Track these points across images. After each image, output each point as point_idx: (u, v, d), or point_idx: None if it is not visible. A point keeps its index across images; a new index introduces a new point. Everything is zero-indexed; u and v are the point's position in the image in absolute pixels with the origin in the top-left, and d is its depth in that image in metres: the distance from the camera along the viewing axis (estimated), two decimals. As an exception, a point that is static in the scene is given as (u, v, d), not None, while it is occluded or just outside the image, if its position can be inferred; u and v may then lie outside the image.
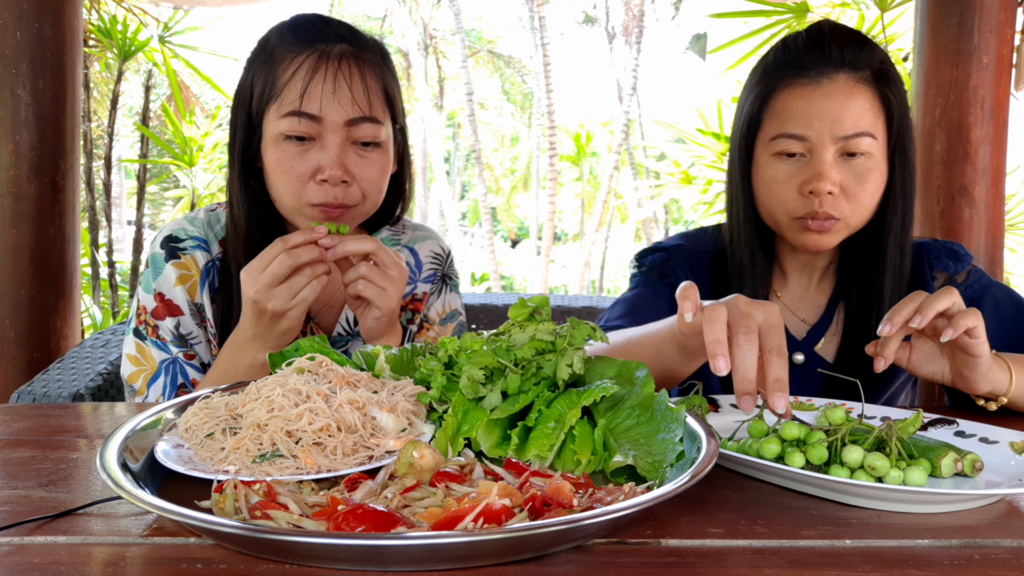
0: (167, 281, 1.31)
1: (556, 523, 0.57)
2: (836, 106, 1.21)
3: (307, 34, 1.27)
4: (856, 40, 1.26)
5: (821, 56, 1.24)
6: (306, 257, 1.14)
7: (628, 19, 16.37)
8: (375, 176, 1.28)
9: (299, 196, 1.24)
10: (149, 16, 4.28)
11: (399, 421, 0.82)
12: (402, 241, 1.50)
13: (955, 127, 2.43)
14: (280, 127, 1.23)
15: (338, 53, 1.24)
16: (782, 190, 1.25)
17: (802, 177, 1.23)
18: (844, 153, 1.22)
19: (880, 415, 1.00)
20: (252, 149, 1.29)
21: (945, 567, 0.62)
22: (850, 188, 1.22)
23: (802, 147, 1.23)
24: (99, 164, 4.67)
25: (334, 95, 1.22)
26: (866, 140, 1.22)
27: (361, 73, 1.25)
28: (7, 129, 2.34)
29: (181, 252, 1.34)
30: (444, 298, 1.50)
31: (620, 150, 14.24)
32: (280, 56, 1.25)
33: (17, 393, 1.63)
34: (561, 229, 23.48)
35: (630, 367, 0.88)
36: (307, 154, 1.23)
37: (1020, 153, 4.37)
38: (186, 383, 1.30)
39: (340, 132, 1.23)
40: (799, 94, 1.24)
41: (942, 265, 1.34)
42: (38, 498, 0.74)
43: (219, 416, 0.82)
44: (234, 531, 0.57)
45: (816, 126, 1.21)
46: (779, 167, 1.25)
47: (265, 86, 1.25)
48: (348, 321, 1.39)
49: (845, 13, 3.71)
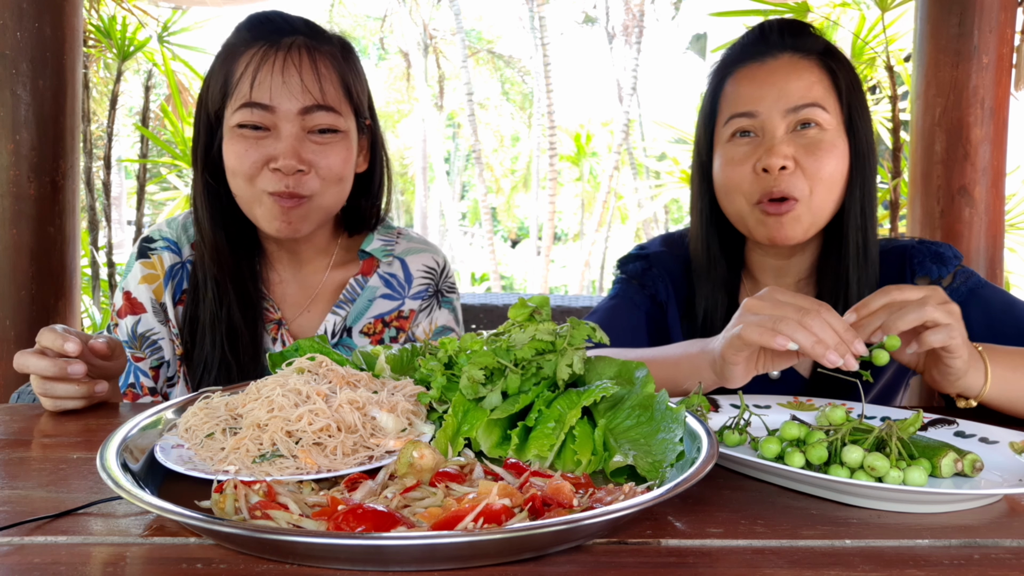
0: (134, 279, 1.34)
1: (556, 523, 0.57)
2: (780, 79, 1.23)
3: (261, 28, 1.27)
4: (798, 28, 1.29)
5: (765, 43, 1.28)
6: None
7: (628, 19, 16.37)
8: (335, 164, 1.26)
9: (254, 184, 1.24)
10: (149, 16, 4.28)
11: (399, 421, 0.82)
12: (395, 251, 1.45)
13: (955, 127, 2.43)
14: (235, 119, 1.23)
15: (289, 43, 1.24)
16: (736, 172, 1.25)
17: (755, 156, 1.23)
18: (796, 127, 1.23)
19: (880, 415, 1.00)
20: (214, 149, 1.28)
21: (945, 567, 0.62)
22: (804, 162, 1.21)
23: (752, 124, 1.24)
24: (99, 164, 4.67)
25: (283, 84, 1.22)
26: (817, 112, 1.22)
27: (312, 61, 1.24)
28: (7, 129, 2.34)
29: (151, 252, 1.36)
30: (432, 316, 1.44)
31: (620, 150, 14.25)
32: (235, 52, 1.25)
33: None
34: (561, 229, 23.49)
35: (630, 367, 0.88)
36: (262, 143, 1.23)
37: (1020, 153, 4.37)
38: (135, 384, 1.31)
39: (294, 122, 1.22)
40: (745, 75, 1.27)
41: (924, 270, 1.29)
42: (38, 498, 0.74)
43: (219, 416, 0.82)
44: (234, 531, 0.57)
45: (764, 101, 1.23)
46: (734, 150, 1.26)
47: (220, 83, 1.26)
48: (327, 332, 1.37)
49: (845, 13, 3.70)
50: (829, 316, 0.94)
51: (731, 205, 1.28)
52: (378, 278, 1.42)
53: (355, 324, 1.39)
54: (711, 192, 1.33)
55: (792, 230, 1.23)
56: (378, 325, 1.40)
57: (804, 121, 1.22)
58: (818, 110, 1.22)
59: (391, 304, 1.41)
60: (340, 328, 1.38)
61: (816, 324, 0.92)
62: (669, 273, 1.40)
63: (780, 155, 1.20)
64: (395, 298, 1.41)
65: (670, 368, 1.10)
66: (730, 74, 1.30)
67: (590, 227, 16.12)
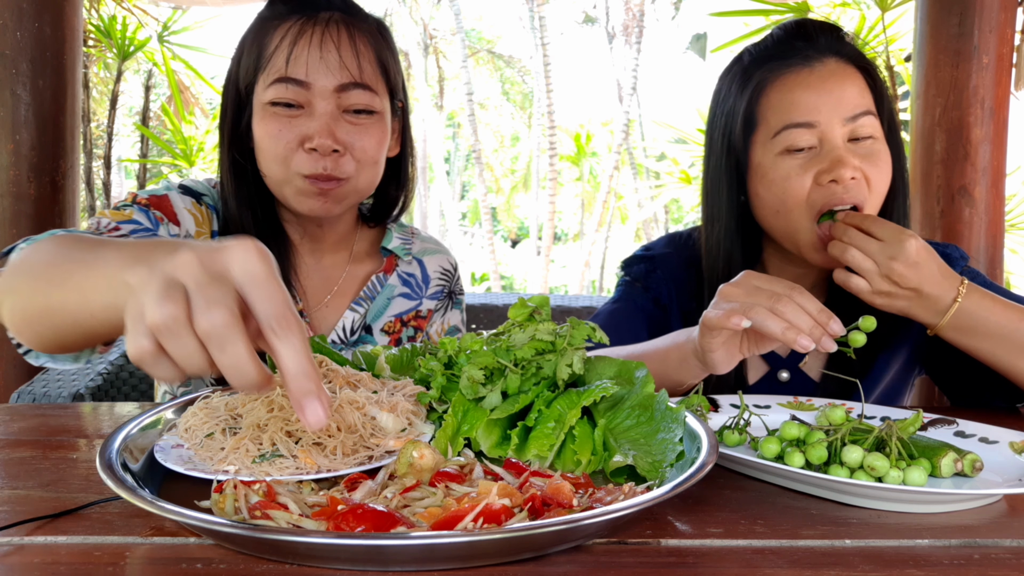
0: (181, 201, 1.24)
1: (556, 523, 0.57)
2: (836, 87, 1.17)
3: (298, 1, 1.21)
4: (835, 29, 1.24)
5: (807, 43, 1.21)
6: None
7: (628, 19, 16.36)
8: (370, 146, 1.20)
9: (287, 165, 1.18)
10: (148, 16, 4.28)
11: (399, 421, 0.82)
12: (412, 251, 1.43)
13: (955, 127, 2.43)
14: (267, 95, 1.17)
15: (326, 18, 1.19)
16: (797, 186, 1.18)
17: (818, 167, 1.17)
18: (851, 139, 1.18)
19: (880, 415, 1.00)
20: (242, 126, 1.23)
21: (945, 567, 0.62)
22: (868, 173, 1.17)
23: (811, 136, 1.18)
24: (99, 164, 4.66)
25: (321, 59, 1.16)
26: (870, 120, 1.18)
27: (351, 37, 1.18)
28: (7, 129, 2.35)
29: (202, 200, 1.27)
30: (446, 316, 1.44)
31: (620, 150, 14.25)
32: (269, 26, 1.20)
33: (17, 393, 1.64)
34: (561, 229, 23.49)
35: (630, 367, 0.88)
36: (295, 121, 1.17)
37: (1020, 153, 4.37)
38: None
39: (330, 99, 1.17)
40: (795, 81, 1.19)
41: None
42: (38, 498, 0.74)
43: (219, 416, 0.82)
44: (234, 531, 0.57)
45: (823, 109, 1.17)
46: (790, 163, 1.18)
47: (252, 57, 1.20)
48: (345, 329, 1.33)
49: (846, 13, 3.70)
50: (802, 299, 0.93)
51: (786, 221, 1.21)
52: (396, 277, 1.40)
53: (375, 322, 1.36)
54: (742, 204, 1.27)
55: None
56: (397, 324, 1.38)
57: (859, 135, 1.17)
58: (872, 118, 1.18)
59: (409, 304, 1.40)
60: (359, 325, 1.34)
61: (788, 309, 0.91)
62: (673, 275, 1.38)
63: (851, 166, 1.15)
64: (413, 298, 1.40)
65: (659, 360, 1.09)
66: (772, 80, 1.21)
67: (590, 227, 16.12)
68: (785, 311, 0.91)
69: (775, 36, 1.26)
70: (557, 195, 14.45)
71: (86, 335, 0.78)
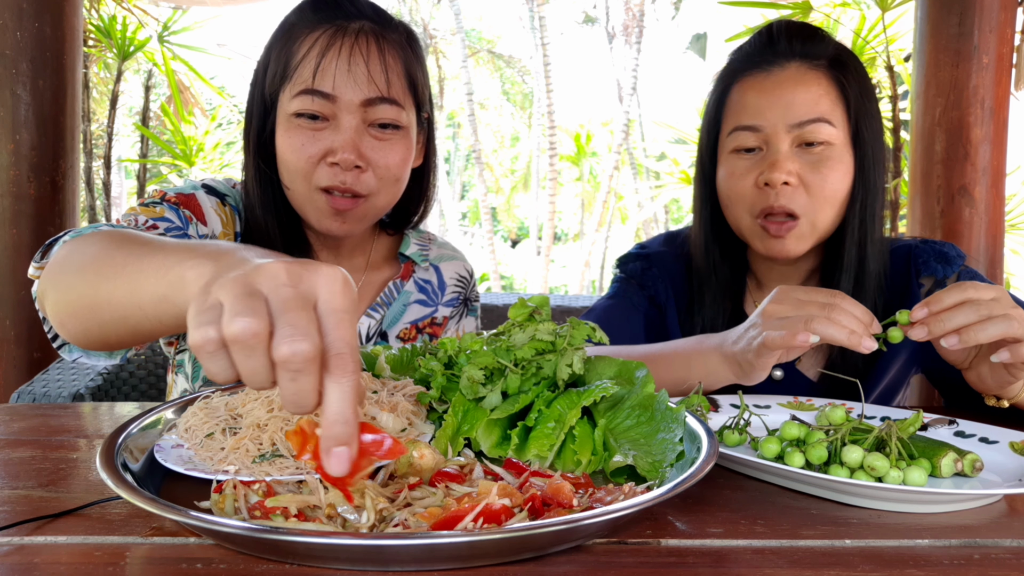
0: (208, 201, 1.22)
1: (556, 523, 0.57)
2: (787, 92, 1.20)
3: (327, 9, 1.18)
4: (807, 32, 1.25)
5: (772, 49, 1.24)
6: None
7: (628, 19, 16.36)
8: (393, 163, 1.18)
9: (308, 181, 1.16)
10: (149, 16, 4.28)
11: (399, 421, 0.82)
12: (430, 256, 1.42)
13: (955, 127, 2.44)
14: (292, 106, 1.15)
15: (356, 29, 1.16)
16: (739, 185, 1.23)
17: (758, 170, 1.21)
18: (802, 143, 1.20)
19: (880, 415, 1.00)
20: (266, 132, 1.21)
21: (945, 567, 0.62)
22: (808, 179, 1.19)
23: (757, 139, 1.21)
24: (99, 164, 4.67)
25: (349, 72, 1.14)
26: (824, 128, 1.18)
27: (380, 50, 1.16)
28: (7, 129, 2.35)
29: (226, 200, 1.25)
30: (461, 323, 1.43)
31: (620, 150, 14.25)
32: (297, 33, 1.18)
33: (17, 393, 1.63)
34: (561, 229, 23.48)
35: (630, 367, 0.88)
36: (319, 135, 1.15)
37: (1020, 153, 4.37)
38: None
39: (356, 113, 1.15)
40: (750, 85, 1.23)
41: (930, 270, 1.28)
42: (38, 498, 0.74)
43: (219, 416, 0.82)
44: (234, 531, 0.57)
45: (768, 115, 1.20)
46: (737, 163, 1.24)
47: (280, 65, 1.18)
48: (361, 335, 1.32)
49: (846, 12, 3.70)
50: (849, 305, 0.96)
51: (733, 216, 1.27)
52: (413, 283, 1.39)
53: (391, 328, 1.35)
54: (714, 199, 1.31)
55: (792, 248, 1.22)
56: (412, 331, 1.37)
57: (810, 140, 1.19)
58: (824, 125, 1.19)
59: (425, 310, 1.39)
60: (375, 331, 1.33)
61: (844, 317, 0.94)
62: (669, 273, 1.38)
63: (783, 171, 1.18)
64: (429, 304, 1.39)
65: (681, 366, 1.09)
66: (735, 82, 1.26)
67: (590, 227, 16.12)
68: (841, 318, 0.94)
69: (751, 39, 1.30)
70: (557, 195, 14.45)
71: (131, 331, 0.78)
